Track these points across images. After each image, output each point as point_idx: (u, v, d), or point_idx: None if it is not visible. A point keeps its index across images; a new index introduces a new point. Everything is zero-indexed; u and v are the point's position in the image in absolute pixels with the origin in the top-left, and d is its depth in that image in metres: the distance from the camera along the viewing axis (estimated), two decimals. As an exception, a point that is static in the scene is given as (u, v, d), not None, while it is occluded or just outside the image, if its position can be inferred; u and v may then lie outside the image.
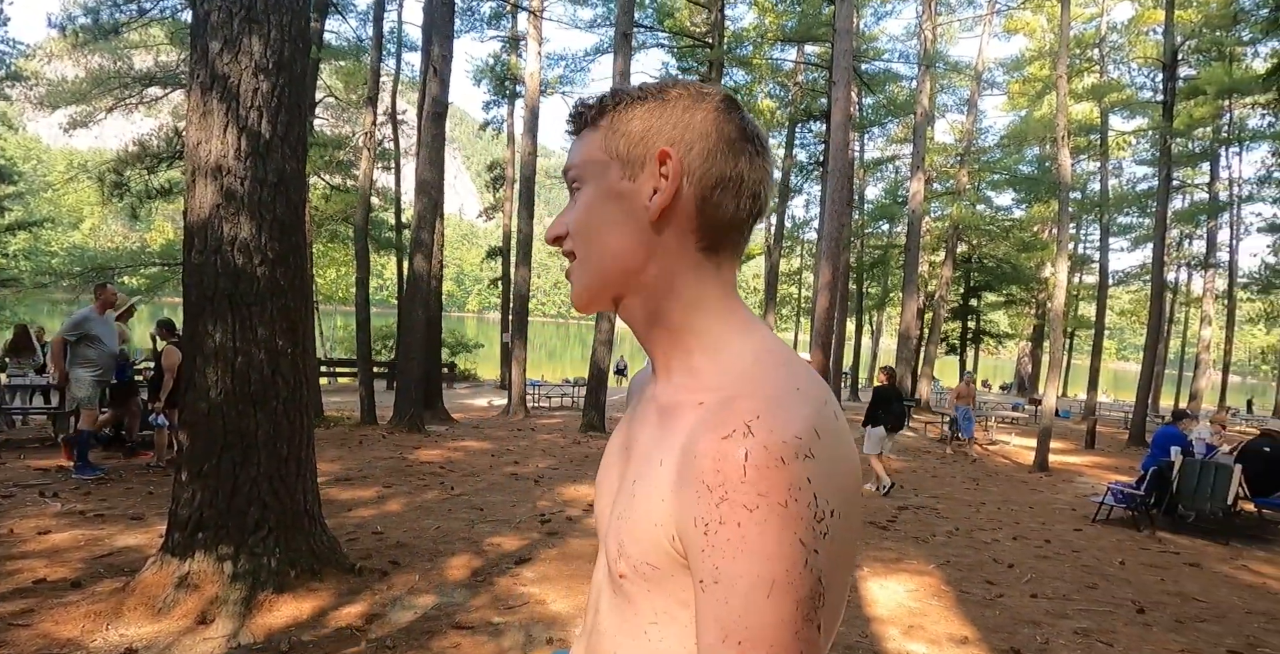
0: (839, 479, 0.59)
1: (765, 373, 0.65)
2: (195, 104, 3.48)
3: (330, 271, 24.94)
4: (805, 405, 0.61)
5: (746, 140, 0.72)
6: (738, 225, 0.73)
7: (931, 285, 27.75)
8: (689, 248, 0.72)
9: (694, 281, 0.73)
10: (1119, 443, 15.80)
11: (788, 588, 0.55)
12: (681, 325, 0.73)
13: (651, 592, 0.67)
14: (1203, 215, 23.69)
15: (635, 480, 0.70)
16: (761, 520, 0.55)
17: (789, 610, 0.55)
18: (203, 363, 3.52)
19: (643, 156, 0.72)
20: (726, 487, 0.56)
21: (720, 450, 0.58)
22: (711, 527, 0.57)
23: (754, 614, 0.55)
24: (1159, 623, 4.33)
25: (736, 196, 0.71)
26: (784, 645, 0.55)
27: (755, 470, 0.56)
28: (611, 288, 0.74)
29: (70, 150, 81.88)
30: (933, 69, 22.25)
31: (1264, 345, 51.55)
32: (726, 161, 0.71)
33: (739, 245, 0.75)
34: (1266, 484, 7.31)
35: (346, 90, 18.06)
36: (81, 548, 4.31)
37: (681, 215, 0.71)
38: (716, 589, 0.57)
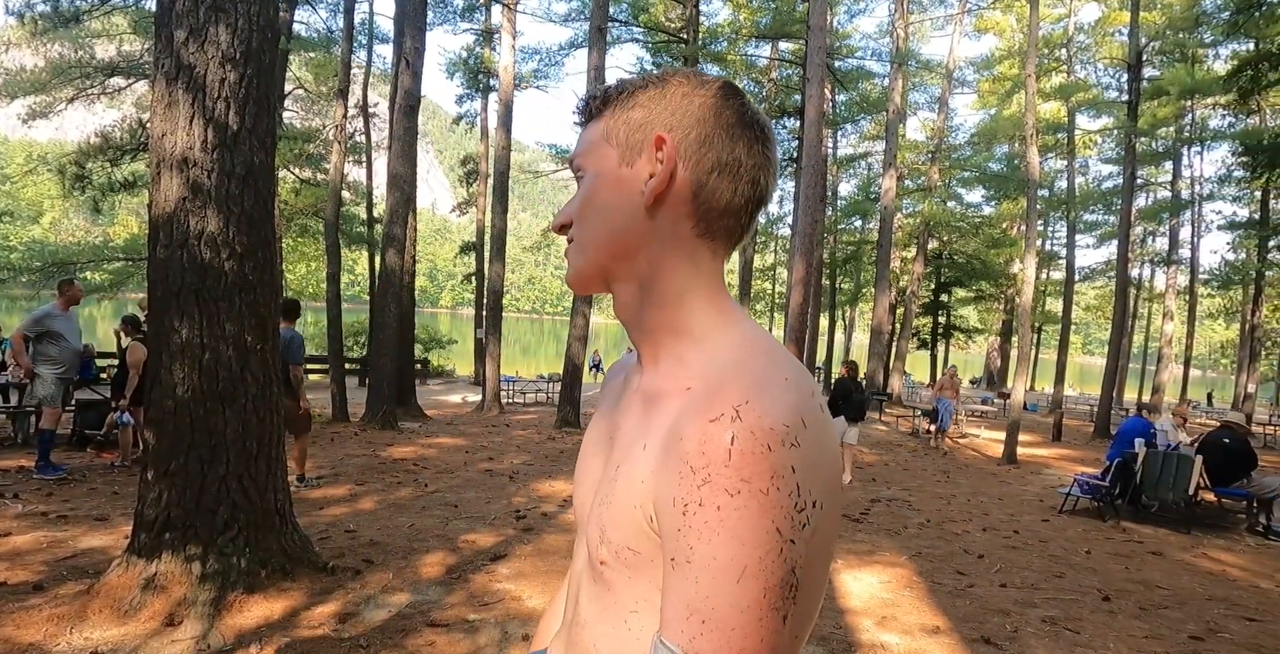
0: (822, 470, 0.59)
1: (754, 361, 0.65)
2: (160, 94, 3.40)
3: (300, 267, 24.59)
4: (793, 394, 0.61)
5: (746, 126, 0.72)
6: (734, 211, 0.73)
7: (903, 281, 28.07)
8: (683, 233, 0.72)
9: (687, 267, 0.73)
10: (1085, 435, 16.13)
11: (758, 575, 0.55)
12: (672, 311, 0.73)
13: (633, 578, 0.67)
14: (1165, 213, 24.21)
15: (619, 466, 0.70)
16: (741, 506, 0.55)
17: (756, 597, 0.55)
18: (169, 359, 3.45)
19: (641, 142, 0.72)
20: (710, 469, 0.57)
21: (707, 433, 0.58)
22: (690, 508, 0.57)
23: (721, 597, 0.55)
24: (1123, 610, 4.43)
25: (734, 181, 0.72)
26: (745, 630, 0.55)
27: (740, 455, 0.56)
28: (605, 270, 0.75)
29: (29, 142, 79.63)
30: (905, 67, 22.46)
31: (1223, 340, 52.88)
32: (724, 147, 0.71)
33: (734, 232, 0.75)
34: (1226, 475, 7.50)
35: (317, 82, 17.80)
36: (44, 550, 4.21)
37: (677, 199, 0.71)
38: (688, 568, 0.57)
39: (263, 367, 3.64)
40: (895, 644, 3.66)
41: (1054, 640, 3.84)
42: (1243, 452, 7.53)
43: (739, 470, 0.56)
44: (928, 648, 3.63)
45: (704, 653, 0.56)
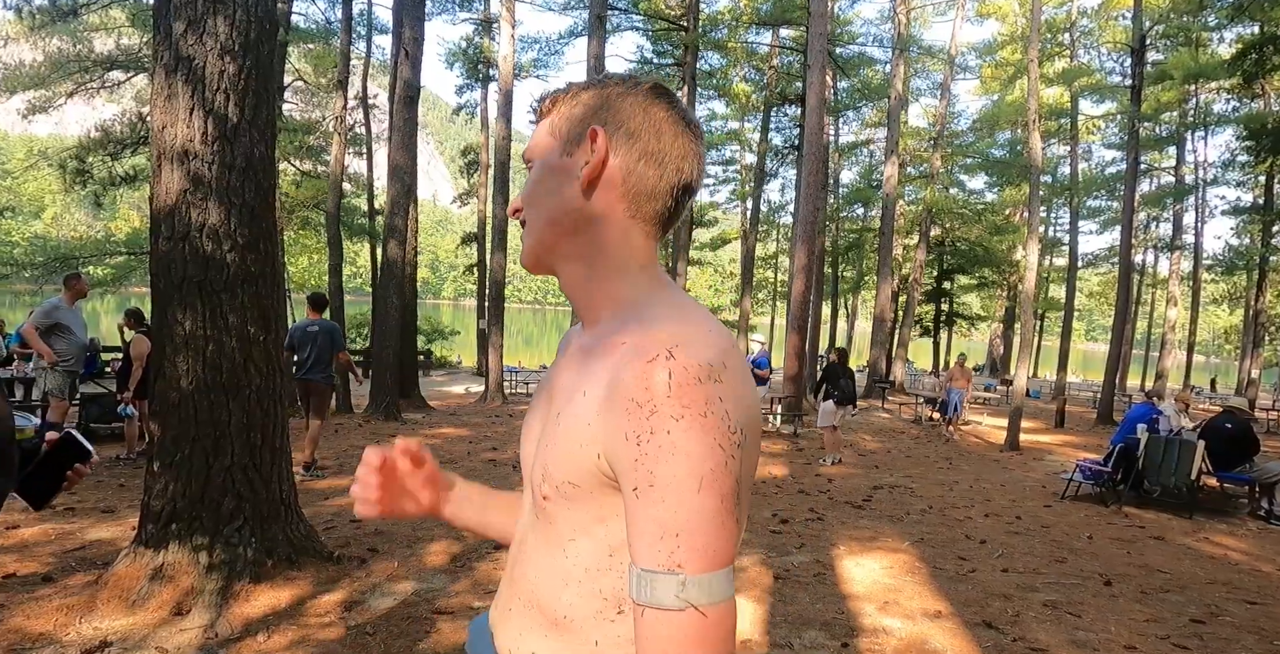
0: (743, 404, 0.69)
1: (680, 320, 0.74)
2: (160, 87, 3.40)
3: (302, 259, 24.61)
4: (713, 343, 0.71)
5: (671, 122, 0.83)
6: (660, 194, 0.82)
7: (905, 269, 28.02)
8: (617, 214, 0.82)
9: (621, 243, 0.83)
10: (1088, 422, 16.14)
11: (714, 484, 0.64)
12: (610, 283, 0.83)
13: (571, 509, 0.75)
14: (1169, 198, 24.11)
15: (559, 413, 0.78)
16: (687, 428, 0.64)
17: (715, 504, 0.64)
18: (173, 352, 3.47)
19: (579, 135, 0.83)
20: (655, 402, 0.65)
21: (646, 372, 0.67)
22: (643, 437, 0.65)
23: (688, 507, 0.64)
24: (1125, 594, 4.46)
25: (660, 169, 0.82)
26: (714, 534, 0.64)
27: (679, 387, 0.65)
28: (551, 248, 0.85)
29: (29, 137, 79.58)
30: (907, 53, 22.32)
31: (1227, 326, 52.74)
32: (650, 139, 0.81)
33: (663, 214, 0.84)
34: (1228, 459, 7.51)
35: (316, 74, 17.72)
36: (52, 542, 4.25)
37: (609, 184, 0.81)
38: (652, 491, 0.65)
39: (266, 358, 3.66)
40: (897, 628, 3.68)
41: (1055, 624, 3.86)
42: (1245, 437, 7.54)
43: (679, 399, 0.65)
44: (930, 632, 3.65)
45: (685, 562, 0.64)
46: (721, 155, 31.75)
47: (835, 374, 9.63)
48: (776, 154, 27.09)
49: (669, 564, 0.64)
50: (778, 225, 35.09)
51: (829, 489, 7.50)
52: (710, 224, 28.97)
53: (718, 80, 25.36)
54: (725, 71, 25.68)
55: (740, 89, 25.15)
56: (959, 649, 3.47)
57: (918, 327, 28.92)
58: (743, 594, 4.08)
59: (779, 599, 4.03)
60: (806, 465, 8.93)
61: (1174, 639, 3.73)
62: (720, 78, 25.51)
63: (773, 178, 29.12)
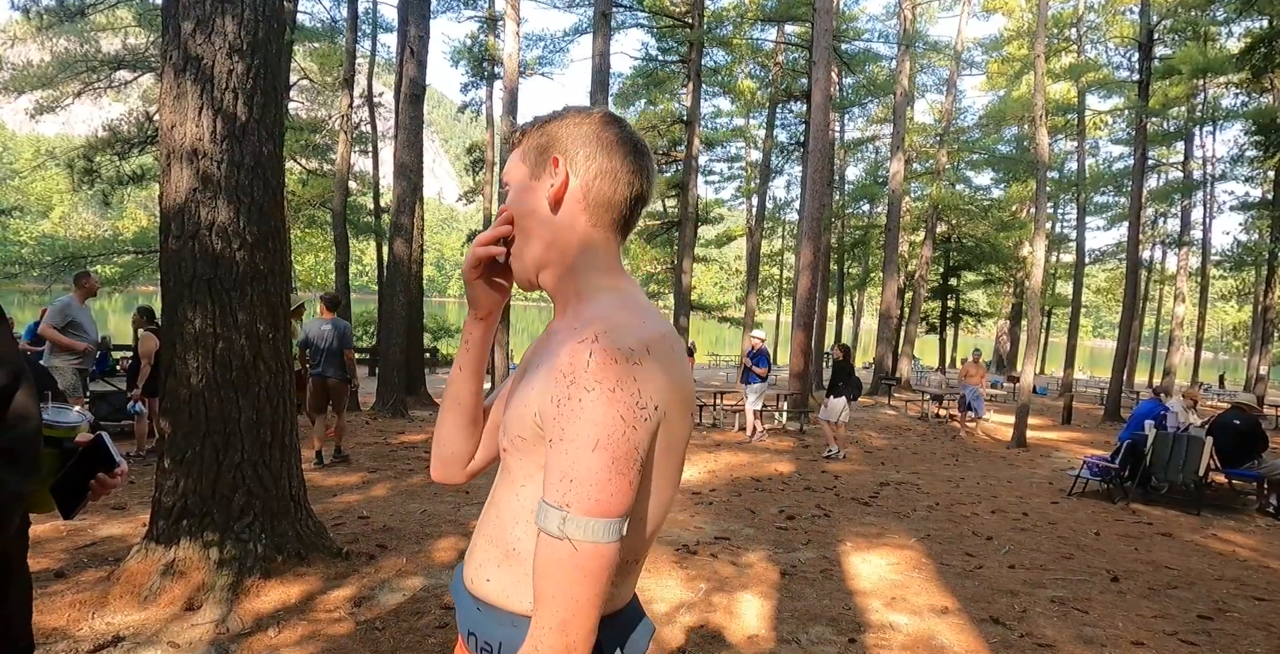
0: (663, 386, 0.84)
1: (620, 310, 0.91)
2: (169, 86, 3.42)
3: (309, 258, 24.68)
4: (641, 332, 0.86)
5: (620, 144, 0.99)
6: (616, 205, 0.99)
7: (911, 265, 27.93)
8: (580, 225, 0.99)
9: (585, 249, 0.99)
10: (1095, 418, 16.09)
11: (607, 447, 0.80)
12: (574, 280, 0.99)
13: (522, 459, 0.91)
14: (1177, 194, 23.99)
15: (523, 382, 0.95)
16: (595, 399, 0.80)
17: (605, 463, 0.80)
18: (183, 349, 3.49)
19: (545, 161, 1.00)
20: (575, 374, 0.81)
21: (576, 350, 0.83)
22: (562, 401, 0.82)
23: (583, 462, 0.80)
24: (1132, 591, 4.45)
25: (614, 184, 0.98)
26: (599, 485, 0.79)
27: (596, 365, 0.81)
28: (535, 259, 1.01)
29: (37, 137, 79.98)
30: (912, 49, 22.23)
31: (1235, 322, 52.47)
32: (603, 160, 0.98)
33: (620, 222, 1.01)
34: (1237, 456, 7.49)
35: (321, 72, 17.76)
36: (64, 538, 4.28)
37: (572, 200, 0.98)
38: (560, 444, 0.81)
39: (275, 355, 3.68)
40: (904, 624, 3.69)
41: (1062, 620, 3.86)
42: (1253, 433, 7.51)
43: (594, 374, 0.80)
44: (936, 628, 3.66)
45: (571, 503, 0.80)
46: (726, 152, 31.72)
47: (846, 370, 9.79)
48: (782, 150, 27.04)
49: (560, 502, 0.80)
50: (783, 222, 35.04)
51: (835, 486, 7.50)
52: (715, 221, 28.93)
53: (723, 77, 25.32)
54: (730, 68, 25.62)
55: (745, 85, 25.11)
56: (966, 645, 3.47)
57: (924, 323, 28.82)
58: (749, 590, 4.10)
59: (786, 595, 4.04)
60: (813, 462, 8.93)
61: (1182, 635, 3.73)
62: (725, 74, 25.47)
63: (778, 174, 29.06)
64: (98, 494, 1.23)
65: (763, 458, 9.04)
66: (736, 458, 8.90)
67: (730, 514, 6.00)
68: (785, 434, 11.34)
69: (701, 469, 8.02)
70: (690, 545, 4.96)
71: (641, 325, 0.87)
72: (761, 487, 7.28)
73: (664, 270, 24.51)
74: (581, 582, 0.80)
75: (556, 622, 0.80)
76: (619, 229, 1.01)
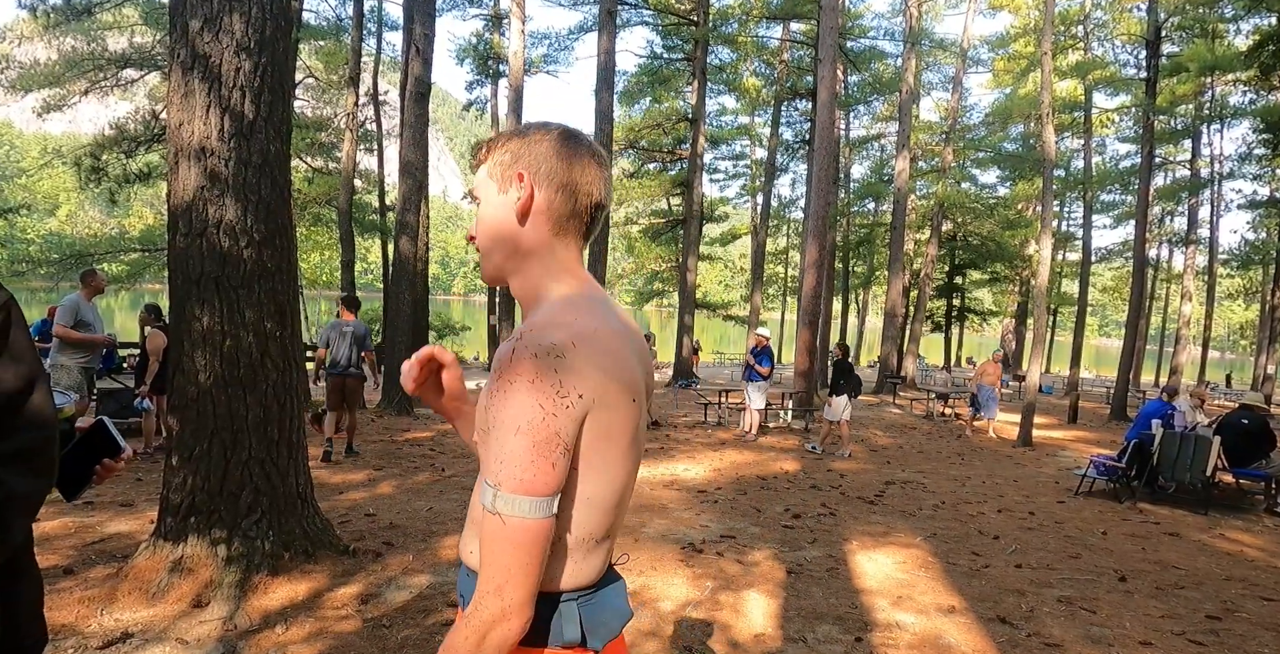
0: (590, 377, 0.92)
1: (562, 311, 1.00)
2: (176, 84, 3.42)
3: (314, 255, 24.72)
4: (572, 329, 0.95)
5: (578, 157, 1.06)
6: (577, 214, 1.08)
7: (917, 263, 27.86)
8: (544, 234, 1.07)
9: (546, 256, 1.08)
10: (1101, 418, 16.04)
11: (528, 432, 0.89)
12: (534, 285, 1.08)
13: (484, 449, 0.97)
14: (1184, 192, 23.89)
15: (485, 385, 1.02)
16: (517, 389, 0.90)
17: (527, 446, 0.89)
18: (191, 347, 3.50)
19: (510, 177, 1.07)
20: (502, 368, 0.92)
21: (505, 348, 0.94)
22: (493, 392, 0.92)
23: (508, 445, 0.90)
24: (1140, 590, 4.44)
25: (573, 196, 1.06)
26: (522, 466, 0.89)
27: (517, 360, 0.91)
28: (500, 267, 1.10)
29: (44, 135, 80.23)
30: (918, 46, 22.17)
31: (1242, 321, 52.26)
32: (563, 173, 1.06)
33: (580, 228, 1.09)
34: (1244, 455, 7.46)
35: (327, 71, 17.78)
36: (72, 535, 4.30)
37: (536, 212, 1.06)
38: (492, 430, 0.92)
39: (282, 353, 3.69)
40: (911, 623, 3.68)
41: (1070, 620, 3.85)
42: (1261, 433, 7.48)
43: (515, 367, 0.90)
44: (943, 627, 3.65)
45: (501, 482, 0.90)
46: (731, 150, 31.67)
47: (847, 368, 9.84)
48: (787, 148, 26.99)
49: (494, 481, 0.90)
50: (788, 220, 35.00)
51: (841, 484, 7.49)
52: (720, 219, 28.90)
53: (728, 75, 25.27)
54: (735, 66, 25.57)
55: (750, 83, 25.05)
56: (973, 645, 3.46)
57: (929, 322, 28.79)
58: (756, 588, 4.09)
59: (792, 594, 4.04)
60: (818, 461, 8.92)
61: (1190, 635, 3.71)
62: (730, 72, 25.42)
63: (783, 172, 29.07)
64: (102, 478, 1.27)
65: (768, 456, 9.03)
66: (742, 456, 8.90)
67: (736, 512, 5.99)
68: (790, 432, 11.33)
69: (707, 467, 8.01)
70: (696, 544, 4.96)
71: (574, 323, 0.96)
72: (767, 485, 7.27)
73: (669, 268, 24.49)
74: (511, 552, 0.90)
75: (494, 586, 0.90)
76: (581, 236, 1.10)
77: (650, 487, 6.87)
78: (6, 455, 0.91)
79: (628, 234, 26.45)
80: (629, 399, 0.97)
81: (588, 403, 0.91)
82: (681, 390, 17.22)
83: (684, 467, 7.99)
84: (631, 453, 1.00)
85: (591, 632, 1.01)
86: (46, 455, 0.97)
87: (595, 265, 14.29)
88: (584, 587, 1.01)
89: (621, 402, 0.95)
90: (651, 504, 6.14)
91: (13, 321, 0.95)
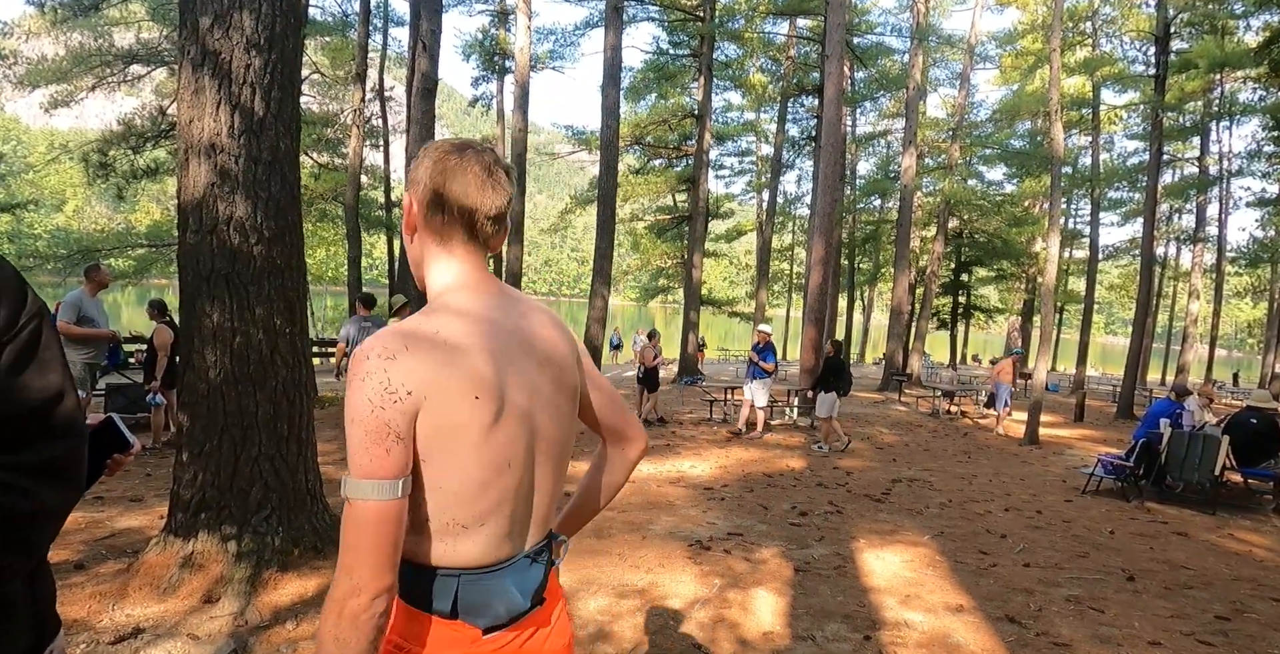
0: (421, 374, 1.00)
1: (417, 316, 1.09)
2: (186, 81, 3.43)
3: (321, 251, 24.80)
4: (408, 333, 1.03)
5: (455, 171, 1.11)
6: (451, 224, 1.13)
7: (923, 261, 27.79)
8: (430, 243, 1.16)
9: (433, 264, 1.17)
10: (1107, 416, 15.99)
11: (360, 423, 0.99)
12: (430, 294, 1.16)
13: None
14: (1192, 190, 23.77)
15: None
16: (352, 387, 1.00)
17: (361, 435, 0.99)
18: (201, 343, 3.51)
19: (409, 192, 1.17)
20: (351, 368, 1.02)
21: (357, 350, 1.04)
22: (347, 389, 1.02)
23: (351, 436, 1.00)
24: (1148, 590, 4.43)
25: (444, 207, 1.12)
26: (358, 453, 0.99)
27: (358, 359, 1.01)
28: (416, 277, 1.22)
29: (51, 131, 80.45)
30: (925, 43, 22.06)
31: (1250, 319, 52.03)
32: (438, 185, 1.12)
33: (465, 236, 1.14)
34: (1252, 455, 7.42)
35: (333, 67, 17.80)
36: (82, 530, 4.32)
37: (421, 225, 1.15)
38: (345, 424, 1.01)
39: (292, 350, 3.69)
40: (919, 622, 3.68)
41: (1078, 619, 3.85)
42: (1270, 432, 7.44)
43: (356, 367, 1.01)
44: (952, 626, 3.65)
45: (350, 470, 1.00)
46: (737, 147, 31.62)
47: (840, 366, 9.90)
48: (793, 145, 26.91)
49: (349, 469, 1.00)
50: (793, 217, 34.91)
51: (847, 482, 7.48)
52: (726, 216, 28.86)
53: (734, 71, 25.21)
54: (742, 62, 25.50)
55: (757, 79, 24.99)
56: (982, 644, 3.46)
57: (935, 319, 28.72)
58: (763, 586, 4.09)
59: (800, 591, 4.04)
60: (824, 458, 8.92)
61: (1199, 636, 3.70)
62: (736, 68, 25.35)
63: (789, 169, 28.96)
64: (112, 471, 1.31)
65: (774, 454, 9.03)
66: (748, 453, 8.90)
67: (742, 510, 5.99)
68: (796, 430, 11.32)
69: (713, 465, 8.01)
70: (703, 541, 4.96)
71: (419, 327, 1.05)
72: (773, 482, 7.27)
73: (674, 265, 24.46)
74: (355, 532, 0.98)
75: (344, 565, 0.98)
76: (468, 242, 1.15)
77: (656, 484, 6.87)
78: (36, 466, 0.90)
79: (633, 230, 26.43)
80: (469, 396, 1.03)
81: (418, 399, 0.99)
82: (687, 387, 17.23)
83: (690, 464, 7.99)
84: (486, 448, 1.04)
85: (468, 609, 1.09)
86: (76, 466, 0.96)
87: (601, 262, 14.28)
88: (463, 567, 1.08)
89: (458, 398, 1.02)
90: (658, 501, 6.14)
91: (43, 330, 0.94)
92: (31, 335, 0.92)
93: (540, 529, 1.19)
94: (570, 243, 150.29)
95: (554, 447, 1.17)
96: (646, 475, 7.22)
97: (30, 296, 0.94)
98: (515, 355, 1.11)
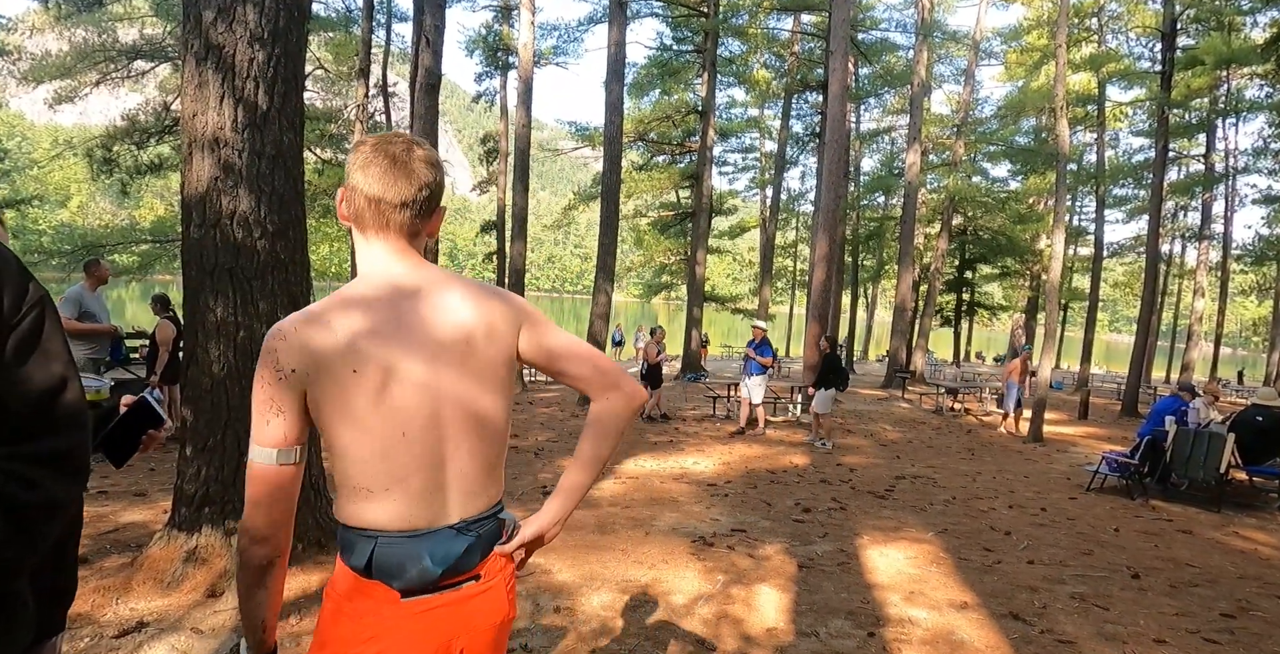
0: (304, 352, 1.11)
1: (320, 301, 1.19)
2: (190, 75, 3.42)
3: (323, 247, 24.77)
4: (299, 317, 1.14)
5: (366, 164, 1.20)
6: (362, 213, 1.22)
7: (927, 258, 27.73)
8: (355, 232, 1.27)
9: (361, 251, 1.27)
10: (1112, 414, 15.95)
11: (255, 396, 1.14)
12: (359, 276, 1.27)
13: None
14: (1198, 187, 23.63)
15: None
16: (257, 366, 1.14)
17: (255, 407, 1.14)
18: (204, 338, 3.50)
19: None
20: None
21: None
22: None
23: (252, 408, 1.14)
24: (1153, 588, 4.41)
25: (353, 198, 1.22)
26: (255, 422, 1.14)
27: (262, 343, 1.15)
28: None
29: (55, 127, 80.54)
30: (930, 39, 21.97)
31: (1255, 317, 51.88)
32: (353, 179, 1.21)
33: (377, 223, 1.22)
34: (1258, 453, 7.40)
35: (337, 62, 17.78)
36: (87, 524, 4.31)
37: (351, 219, 1.25)
38: None
39: (295, 345, 3.68)
40: (923, 619, 3.67)
41: (1083, 617, 3.83)
42: (1275, 430, 7.41)
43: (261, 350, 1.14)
44: (956, 623, 3.64)
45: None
46: (741, 143, 31.54)
47: (836, 363, 10.03)
48: (797, 141, 26.84)
49: None
50: (797, 213, 34.83)
51: (851, 479, 7.47)
52: (729, 212, 28.79)
53: (738, 67, 25.14)
54: (746, 58, 25.43)
55: (761, 76, 24.92)
56: (986, 641, 3.45)
57: (939, 316, 28.63)
58: (767, 582, 4.09)
59: (804, 588, 4.03)
60: (828, 455, 8.91)
61: (1204, 634, 3.69)
62: (740, 64, 25.28)
63: (793, 165, 28.87)
64: (147, 447, 1.39)
65: (777, 450, 9.02)
66: (751, 450, 8.89)
67: (746, 506, 5.99)
68: (799, 427, 11.31)
69: (716, 461, 8.01)
70: (707, 537, 4.96)
71: (313, 309, 1.16)
72: (777, 479, 7.26)
73: (678, 261, 24.42)
74: (251, 490, 1.15)
75: (243, 518, 1.16)
76: (382, 230, 1.22)
77: (660, 480, 6.87)
78: (41, 457, 0.89)
79: (636, 227, 26.40)
80: (347, 369, 1.11)
81: (302, 376, 1.11)
82: (690, 384, 17.22)
83: (693, 460, 7.99)
84: (375, 418, 1.13)
85: (381, 569, 1.16)
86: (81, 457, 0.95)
87: (604, 258, 14.26)
88: (379, 529, 1.16)
89: (338, 373, 1.11)
90: (661, 497, 6.14)
91: (46, 319, 0.93)
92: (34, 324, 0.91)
93: (467, 502, 1.22)
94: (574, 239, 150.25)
95: (467, 420, 1.20)
96: (650, 471, 7.21)
97: (33, 286, 0.93)
98: (408, 333, 1.17)
